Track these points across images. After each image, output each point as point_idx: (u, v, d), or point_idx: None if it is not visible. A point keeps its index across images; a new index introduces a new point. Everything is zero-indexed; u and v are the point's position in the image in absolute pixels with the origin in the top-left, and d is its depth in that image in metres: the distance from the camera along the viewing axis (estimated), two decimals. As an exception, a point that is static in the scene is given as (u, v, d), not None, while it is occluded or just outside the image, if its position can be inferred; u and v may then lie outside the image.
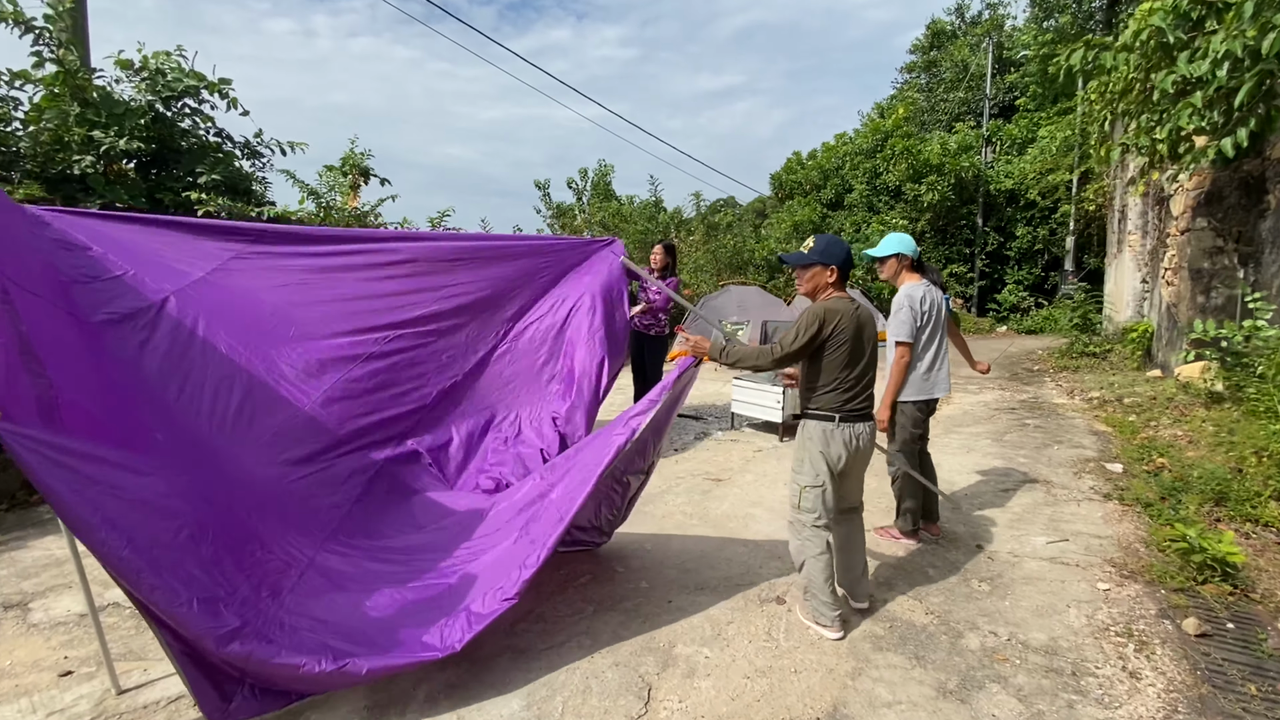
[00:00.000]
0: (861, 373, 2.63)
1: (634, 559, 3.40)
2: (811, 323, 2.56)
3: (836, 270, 2.64)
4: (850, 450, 2.63)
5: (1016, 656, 2.52)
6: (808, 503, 2.64)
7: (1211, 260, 6.73)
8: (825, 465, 2.61)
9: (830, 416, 2.61)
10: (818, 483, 2.62)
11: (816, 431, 2.63)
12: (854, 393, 2.61)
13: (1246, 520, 3.55)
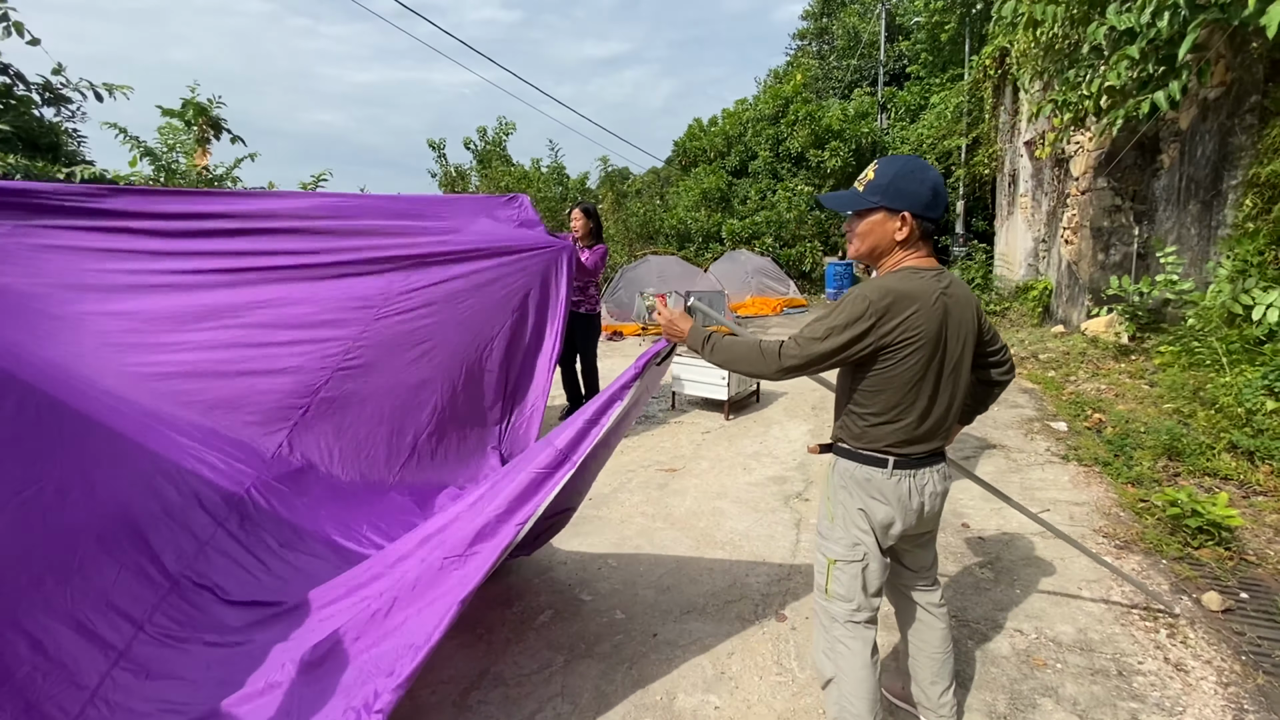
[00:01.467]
0: (942, 394, 1.59)
1: (600, 581, 2.83)
2: (857, 314, 1.49)
3: (911, 221, 1.55)
4: (909, 510, 1.63)
5: (1054, 658, 2.24)
6: (840, 585, 1.68)
7: (1111, 219, 7.06)
8: (869, 529, 1.66)
9: (880, 460, 1.61)
10: (854, 555, 1.66)
11: (855, 480, 1.65)
12: (926, 426, 1.59)
13: (1204, 474, 3.57)
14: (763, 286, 12.58)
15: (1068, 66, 5.41)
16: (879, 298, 1.50)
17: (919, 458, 1.63)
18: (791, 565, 2.94)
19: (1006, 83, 10.88)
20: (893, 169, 1.57)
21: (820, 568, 1.75)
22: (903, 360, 1.53)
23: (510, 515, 1.81)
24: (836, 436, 1.73)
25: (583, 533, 3.29)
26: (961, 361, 1.61)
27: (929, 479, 1.66)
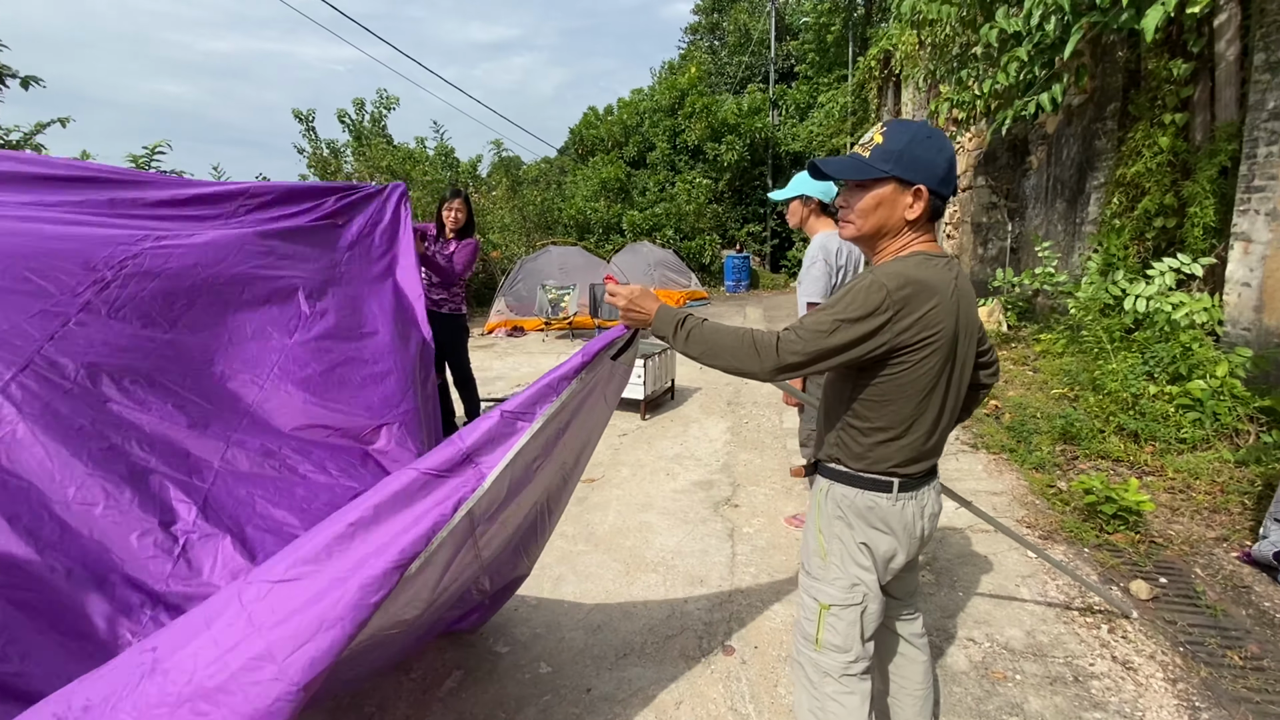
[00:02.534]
0: (950, 401, 1.36)
1: (517, 626, 2.42)
2: (873, 306, 1.20)
3: (926, 197, 1.27)
4: (913, 538, 1.41)
5: (1011, 669, 2.13)
6: (835, 636, 1.40)
7: (988, 215, 7.55)
8: (871, 566, 1.39)
9: (885, 483, 1.35)
10: (853, 598, 1.39)
11: (855, 509, 1.37)
12: (934, 439, 1.37)
13: (1098, 457, 3.76)
14: (665, 279, 12.46)
15: (958, 67, 5.63)
16: (897, 287, 1.21)
17: (921, 476, 1.38)
18: (731, 584, 2.69)
19: (890, 84, 11.46)
20: (907, 133, 1.28)
21: (809, 613, 1.44)
22: (919, 364, 1.26)
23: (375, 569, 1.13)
24: (831, 456, 1.42)
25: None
26: (969, 363, 1.38)
27: (929, 499, 1.42)
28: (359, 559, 1.15)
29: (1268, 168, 4.00)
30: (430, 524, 1.20)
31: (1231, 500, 3.10)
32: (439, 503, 1.24)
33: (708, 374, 6.64)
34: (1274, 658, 2.13)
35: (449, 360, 4.23)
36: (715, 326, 1.34)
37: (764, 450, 4.35)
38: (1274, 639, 2.22)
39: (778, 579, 2.72)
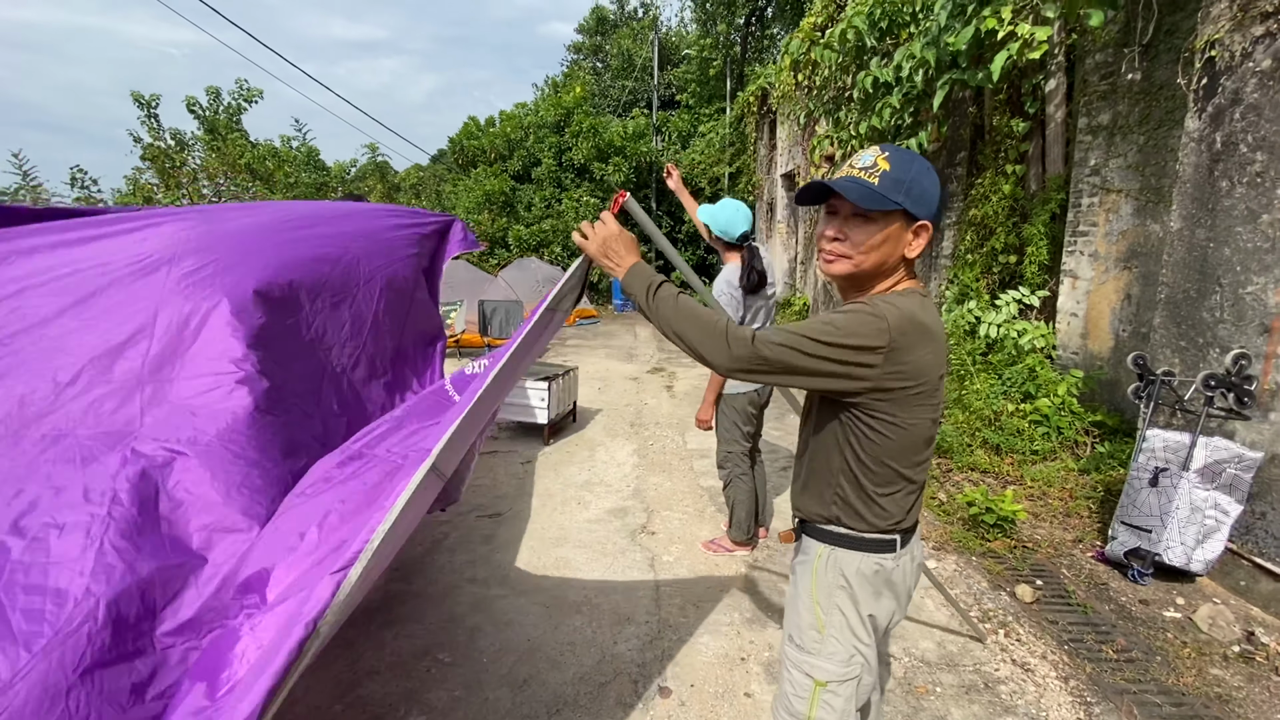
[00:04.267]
0: (934, 441, 1.30)
1: (432, 690, 2.15)
2: (869, 337, 1.10)
3: (930, 233, 1.19)
4: (910, 589, 1.34)
5: (931, 682, 2.24)
6: (829, 712, 1.28)
7: (858, 245, 8.23)
8: (870, 637, 1.29)
9: (889, 542, 1.25)
10: (851, 673, 1.27)
11: (862, 576, 1.26)
12: (921, 486, 1.28)
13: (969, 469, 4.15)
14: (553, 296, 12.29)
15: (835, 109, 6.10)
16: (899, 325, 1.11)
17: (914, 525, 1.30)
18: (659, 618, 2.60)
19: (766, 120, 12.22)
20: (910, 162, 1.15)
21: (799, 690, 1.30)
22: (917, 410, 1.17)
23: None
24: (830, 518, 1.27)
25: (395, 621, 2.53)
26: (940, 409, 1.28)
27: (917, 548, 1.35)
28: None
29: (1090, 215, 4.71)
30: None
31: (1080, 505, 3.55)
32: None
33: (607, 394, 6.56)
34: (1140, 649, 2.42)
35: None
36: (689, 300, 1.23)
37: (672, 472, 4.33)
38: (1135, 631, 2.53)
39: (704, 610, 2.67)
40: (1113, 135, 4.48)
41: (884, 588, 1.27)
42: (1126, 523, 2.98)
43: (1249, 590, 2.77)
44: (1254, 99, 2.84)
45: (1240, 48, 2.90)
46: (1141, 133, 4.25)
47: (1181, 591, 2.81)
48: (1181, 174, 3.24)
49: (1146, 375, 3.16)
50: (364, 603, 2.64)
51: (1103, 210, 4.58)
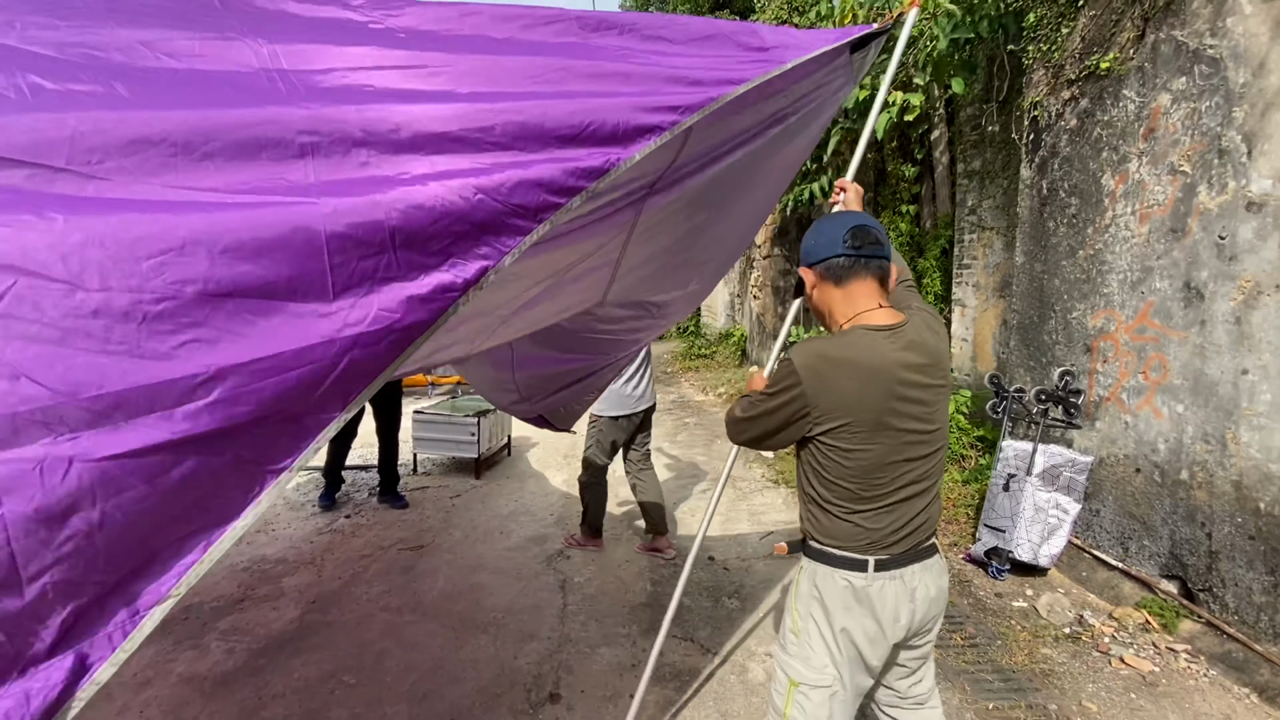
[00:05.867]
0: (920, 473, 1.33)
1: (334, 709, 2.28)
2: (779, 381, 1.30)
3: (812, 274, 1.40)
4: (906, 622, 1.35)
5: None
6: (801, 713, 1.38)
7: (785, 279, 8.72)
8: (845, 652, 1.35)
9: (859, 561, 1.32)
10: (823, 680, 1.36)
11: (831, 589, 1.35)
12: (913, 507, 1.33)
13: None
14: (503, 334, 12.48)
15: (751, 155, 6.61)
16: (807, 362, 1.26)
17: (905, 555, 1.34)
18: (561, 634, 2.78)
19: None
20: (810, 231, 1.44)
21: (780, 686, 1.43)
22: (852, 443, 1.26)
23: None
24: (806, 533, 1.41)
25: (306, 650, 2.65)
26: (936, 434, 1.34)
27: (919, 580, 1.35)
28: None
29: (971, 250, 5.22)
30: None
31: (960, 513, 3.90)
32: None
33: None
34: (984, 635, 2.72)
35: (386, 410, 4.38)
36: (738, 409, 1.44)
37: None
38: (984, 620, 2.84)
39: (606, 624, 2.87)
40: (984, 180, 5.02)
41: (855, 604, 1.32)
42: (987, 524, 3.33)
43: (1088, 579, 3.13)
44: (1067, 152, 3.33)
45: (1055, 109, 3.40)
46: (1005, 177, 4.79)
47: (1032, 584, 3.15)
48: (1021, 215, 3.72)
49: (1001, 392, 3.56)
50: (277, 635, 2.75)
51: (980, 245, 5.09)
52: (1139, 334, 2.92)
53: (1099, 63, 3.02)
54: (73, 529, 0.66)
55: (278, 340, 0.77)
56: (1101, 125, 3.08)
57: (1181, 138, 2.68)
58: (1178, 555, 2.78)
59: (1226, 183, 2.50)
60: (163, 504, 0.72)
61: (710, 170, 1.56)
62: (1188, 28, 2.64)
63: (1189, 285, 2.68)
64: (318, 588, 3.17)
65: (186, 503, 0.74)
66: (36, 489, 0.64)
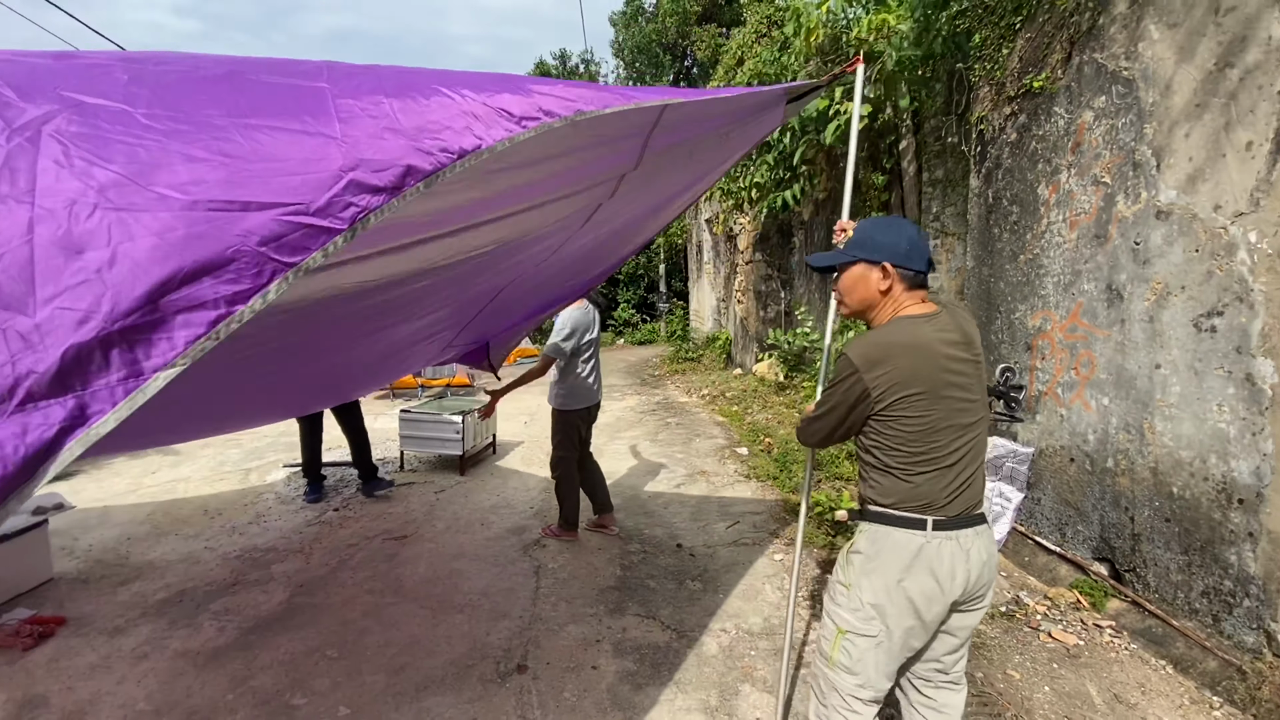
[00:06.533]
0: (968, 440, 1.47)
1: (317, 679, 2.47)
2: (843, 375, 1.47)
3: (893, 271, 1.50)
4: (962, 581, 1.46)
5: (749, 648, 2.68)
6: (846, 658, 1.52)
7: (767, 284, 8.94)
8: (899, 607, 1.47)
9: (919, 520, 1.45)
10: (869, 630, 1.49)
11: (890, 548, 1.47)
12: (962, 480, 1.46)
13: (836, 478, 4.69)
14: (494, 338, 12.67)
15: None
16: (862, 352, 1.45)
17: (959, 517, 1.46)
18: (533, 613, 2.97)
19: (690, 169, 13.09)
20: (868, 224, 1.57)
21: (828, 634, 1.58)
22: (909, 407, 1.42)
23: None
24: (867, 498, 1.54)
25: (293, 628, 2.83)
26: (977, 405, 1.50)
27: (973, 544, 1.46)
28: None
29: (936, 254, 5.45)
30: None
31: (917, 503, 4.10)
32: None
33: (532, 428, 6.93)
34: (922, 611, 2.92)
35: (344, 410, 4.58)
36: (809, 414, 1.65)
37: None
38: (925, 598, 3.04)
39: (575, 604, 3.06)
40: (946, 188, 5.26)
41: (914, 561, 1.44)
42: (937, 513, 3.54)
43: (1030, 563, 3.33)
44: (1008, 163, 3.56)
45: (998, 123, 3.64)
46: (964, 186, 5.01)
47: (977, 567, 3.35)
48: (971, 222, 3.95)
49: (953, 389, 3.78)
50: (266, 615, 2.94)
51: (943, 250, 5.32)
52: (1071, 333, 3.14)
53: (1033, 82, 3.25)
54: (84, 262, 0.72)
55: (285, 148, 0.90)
56: (1037, 139, 3.31)
57: (1102, 151, 2.91)
58: (1107, 539, 2.99)
59: (1140, 193, 2.73)
60: (171, 258, 0.75)
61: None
62: (1106, 51, 2.87)
63: (1111, 287, 2.90)
64: (305, 573, 3.36)
65: (195, 264, 0.77)
66: (63, 221, 0.74)
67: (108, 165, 0.80)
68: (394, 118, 1.01)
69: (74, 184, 0.78)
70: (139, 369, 0.72)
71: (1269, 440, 2.25)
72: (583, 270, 3.45)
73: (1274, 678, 2.21)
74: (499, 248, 2.12)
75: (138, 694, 2.37)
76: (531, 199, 1.72)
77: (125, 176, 0.80)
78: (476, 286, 2.63)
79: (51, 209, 0.75)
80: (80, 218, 0.75)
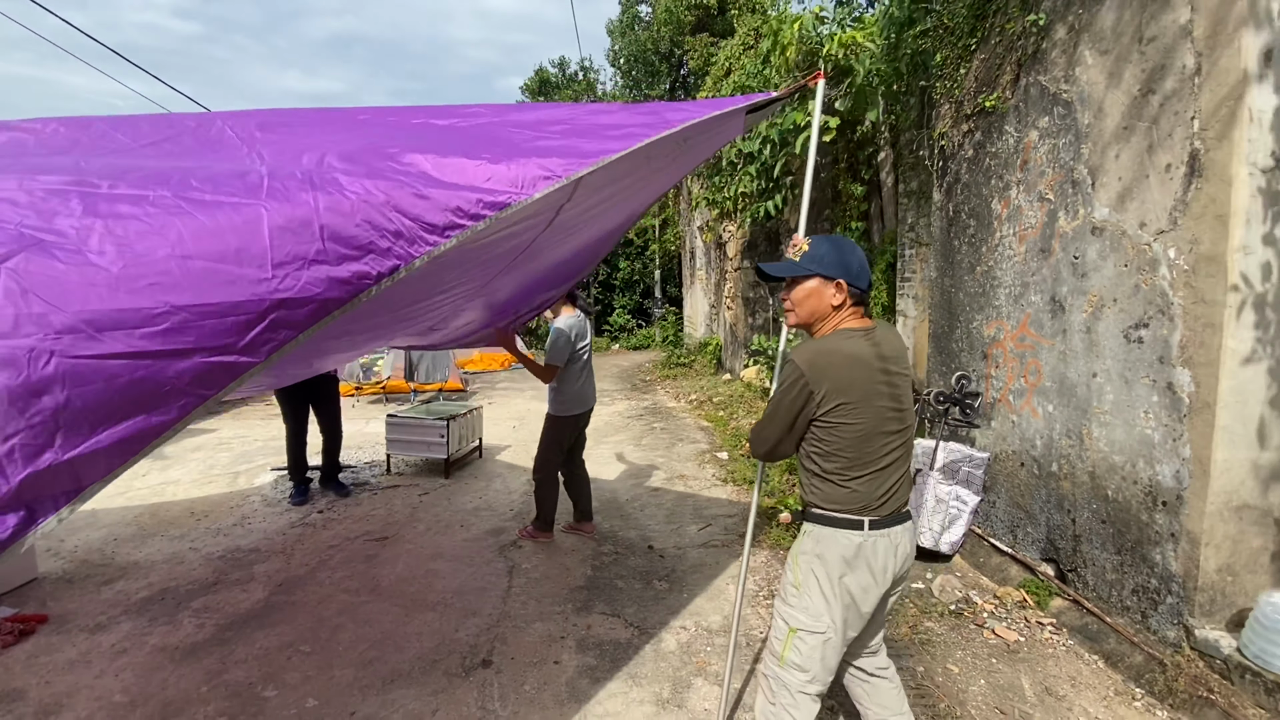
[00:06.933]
0: (900, 438, 1.62)
1: (288, 672, 2.59)
2: (789, 380, 1.60)
3: (846, 288, 1.64)
4: (891, 572, 1.63)
5: (705, 645, 2.80)
6: (797, 655, 1.65)
7: (755, 291, 9.08)
8: (843, 602, 1.62)
9: (856, 521, 1.60)
10: (818, 627, 1.62)
11: (833, 547, 1.61)
12: (893, 482, 1.61)
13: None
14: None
15: (713, 174, 7.00)
16: (807, 359, 1.57)
17: (891, 516, 1.61)
18: (502, 611, 3.09)
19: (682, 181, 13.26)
20: (827, 243, 1.69)
21: (779, 634, 1.70)
22: (843, 414, 1.55)
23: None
24: (809, 502, 1.69)
25: (269, 625, 2.96)
26: (905, 414, 1.63)
27: (902, 539, 1.63)
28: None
29: (910, 264, 5.59)
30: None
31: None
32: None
33: (520, 432, 7.06)
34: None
35: (324, 408, 4.76)
36: (757, 426, 1.74)
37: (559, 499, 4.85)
38: (878, 597, 3.16)
39: (544, 603, 3.18)
40: (920, 199, 5.39)
41: (853, 558, 1.59)
42: (897, 516, 3.66)
43: (984, 564, 3.45)
44: (966, 179, 3.70)
45: (957, 139, 3.78)
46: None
47: (933, 568, 3.47)
48: (934, 235, 4.08)
49: (916, 395, 3.90)
50: (244, 612, 3.06)
51: (918, 260, 5.45)
52: (1021, 342, 3.27)
53: (985, 101, 3.39)
54: (42, 405, 0.90)
55: (219, 292, 1.07)
56: (990, 156, 3.45)
57: (1046, 169, 3.04)
58: (1053, 540, 3.11)
59: (1078, 209, 2.86)
60: (113, 400, 0.97)
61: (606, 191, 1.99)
62: (1049, 74, 3.01)
63: (1054, 299, 3.03)
64: (285, 573, 3.49)
65: (130, 402, 0.98)
66: (24, 369, 0.90)
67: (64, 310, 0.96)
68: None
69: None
70: (79, 484, 0.96)
71: (1187, 446, 2.38)
72: (550, 275, 3.56)
73: (1190, 670, 2.33)
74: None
75: (114, 686, 2.49)
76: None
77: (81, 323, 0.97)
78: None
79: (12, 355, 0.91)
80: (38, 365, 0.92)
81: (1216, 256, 2.27)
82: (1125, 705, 2.37)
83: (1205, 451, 2.32)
